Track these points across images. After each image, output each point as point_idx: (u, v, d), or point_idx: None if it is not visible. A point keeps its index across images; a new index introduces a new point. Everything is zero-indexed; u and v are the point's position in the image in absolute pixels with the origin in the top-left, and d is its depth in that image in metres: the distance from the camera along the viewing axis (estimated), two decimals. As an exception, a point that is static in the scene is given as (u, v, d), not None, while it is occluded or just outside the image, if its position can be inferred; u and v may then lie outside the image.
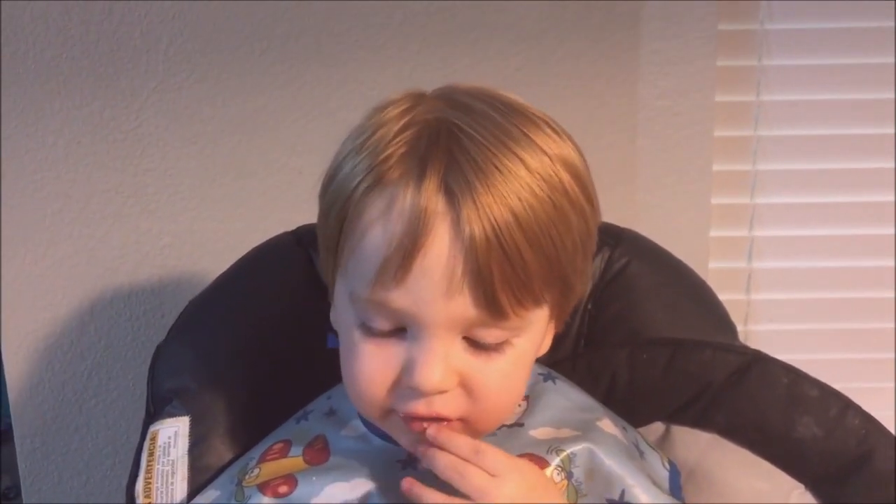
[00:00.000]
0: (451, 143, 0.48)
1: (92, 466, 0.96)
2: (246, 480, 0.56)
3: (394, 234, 0.47)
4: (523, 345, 0.51)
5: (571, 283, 0.51)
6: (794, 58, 0.94)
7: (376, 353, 0.50)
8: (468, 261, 0.46)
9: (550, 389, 0.59)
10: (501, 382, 0.50)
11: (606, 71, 0.90)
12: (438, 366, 0.48)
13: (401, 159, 0.48)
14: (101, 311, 0.93)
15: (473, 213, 0.46)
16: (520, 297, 0.48)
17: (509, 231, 0.47)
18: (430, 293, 0.47)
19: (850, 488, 0.59)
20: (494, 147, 0.48)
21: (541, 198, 0.48)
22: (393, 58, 0.89)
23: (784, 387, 0.60)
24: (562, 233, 0.49)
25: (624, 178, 0.93)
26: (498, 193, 0.47)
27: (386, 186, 0.48)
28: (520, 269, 0.47)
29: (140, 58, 0.88)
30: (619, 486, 0.53)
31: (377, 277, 0.48)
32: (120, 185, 0.91)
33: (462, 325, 0.48)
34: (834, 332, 1.01)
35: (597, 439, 0.54)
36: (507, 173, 0.47)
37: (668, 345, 0.62)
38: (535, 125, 0.51)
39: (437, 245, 0.47)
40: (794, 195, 0.98)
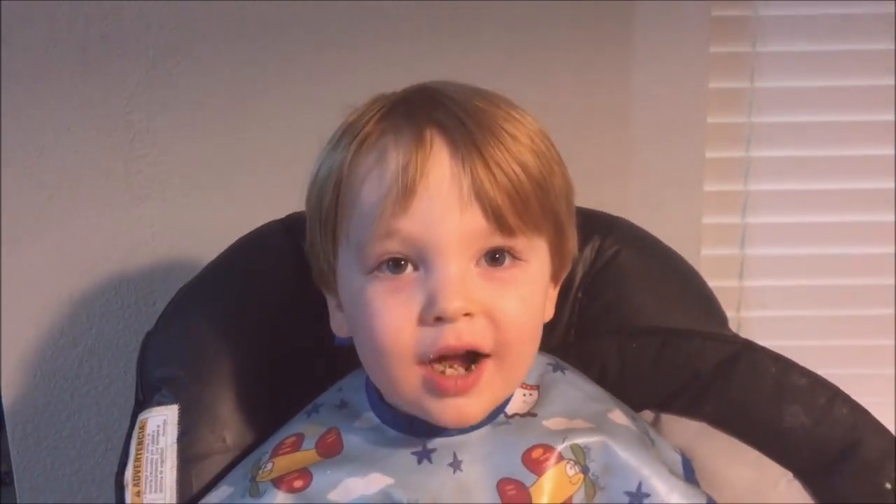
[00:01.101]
0: (433, 94, 0.52)
1: (84, 454, 0.96)
2: (259, 475, 0.55)
3: (393, 171, 0.49)
4: (533, 271, 0.52)
5: (563, 225, 0.54)
6: (788, 44, 0.94)
7: (393, 300, 0.50)
8: (471, 180, 0.49)
9: (560, 380, 0.59)
10: (521, 307, 0.51)
11: (599, 58, 0.89)
12: (458, 286, 0.49)
13: (382, 118, 0.51)
14: (93, 299, 0.93)
15: (467, 139, 0.49)
16: (521, 214, 0.50)
17: (504, 155, 0.49)
18: (440, 211, 0.49)
19: (838, 477, 0.59)
20: (470, 98, 0.52)
21: (525, 135, 0.52)
22: (385, 45, 0.88)
23: (773, 376, 0.60)
24: (548, 170, 0.52)
25: (617, 166, 0.93)
26: (486, 127, 0.50)
27: (374, 143, 0.51)
28: (519, 189, 0.50)
29: (130, 44, 0.88)
30: (635, 478, 0.53)
31: (383, 211, 0.49)
32: (110, 172, 0.90)
33: (474, 243, 0.50)
34: (826, 319, 1.01)
35: (610, 431, 0.54)
36: (488, 112, 0.51)
37: (657, 334, 0.62)
38: (509, 104, 0.54)
39: (439, 168, 0.49)
40: (788, 182, 0.97)
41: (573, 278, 0.66)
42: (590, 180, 0.92)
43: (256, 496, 0.54)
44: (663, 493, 0.53)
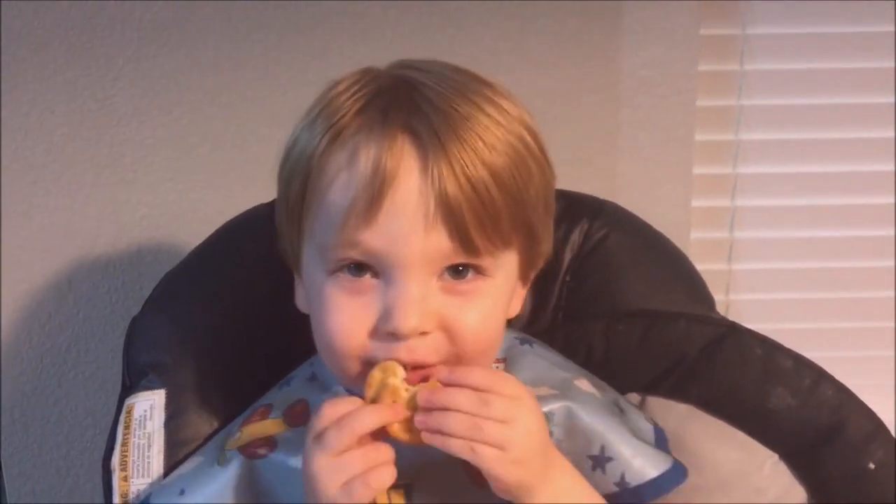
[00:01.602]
0: (412, 92, 0.50)
1: (72, 439, 0.96)
2: (228, 444, 0.56)
3: (361, 177, 0.48)
4: (498, 287, 0.51)
5: (536, 232, 0.52)
6: (778, 26, 0.94)
7: (350, 302, 0.50)
8: (439, 196, 0.47)
9: (528, 352, 0.59)
10: (480, 323, 0.50)
11: (589, 40, 0.89)
12: (416, 306, 0.48)
13: (359, 111, 0.49)
14: (79, 284, 0.93)
15: (440, 152, 0.47)
16: (490, 233, 0.49)
17: (475, 169, 0.48)
18: (405, 229, 0.48)
19: (823, 457, 0.59)
20: (454, 96, 0.49)
21: (502, 141, 0.49)
22: (372, 27, 0.88)
23: (758, 358, 0.61)
24: (524, 178, 0.50)
25: (606, 148, 0.92)
26: (461, 136, 0.48)
27: (347, 139, 0.49)
28: (489, 205, 0.48)
29: (115, 26, 0.87)
30: (598, 442, 0.53)
31: (347, 220, 0.48)
32: (95, 155, 0.90)
33: (437, 262, 0.49)
34: (815, 302, 1.01)
35: (574, 397, 0.55)
36: (469, 118, 0.49)
37: (643, 316, 0.63)
38: (492, 88, 0.52)
39: (407, 182, 0.47)
40: (778, 165, 0.98)
41: (561, 262, 0.66)
42: (579, 164, 0.93)
43: (224, 464, 0.55)
44: (627, 457, 0.53)
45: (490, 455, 0.46)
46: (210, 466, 0.56)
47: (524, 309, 0.65)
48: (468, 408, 0.47)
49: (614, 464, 0.53)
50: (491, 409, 0.47)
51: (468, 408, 0.47)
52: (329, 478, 0.46)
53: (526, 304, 0.65)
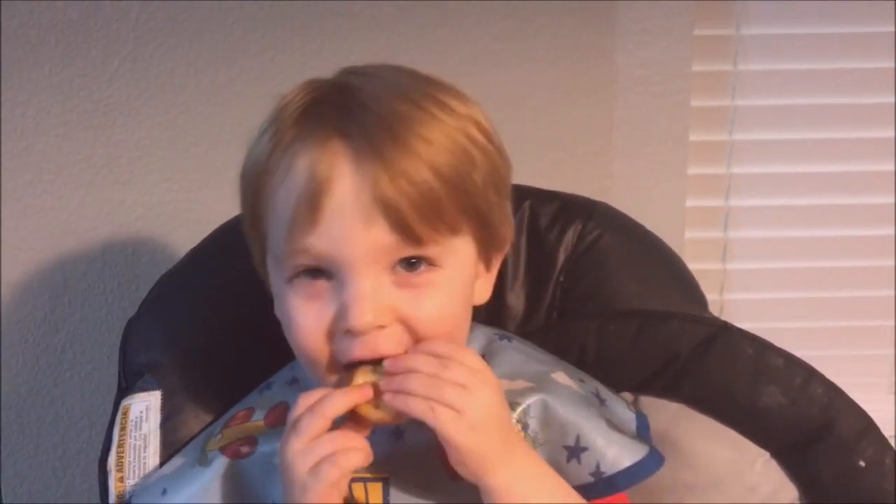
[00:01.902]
0: (345, 97, 0.51)
1: (68, 439, 0.96)
2: (209, 446, 0.57)
3: (298, 186, 0.49)
4: (451, 275, 0.52)
5: (488, 217, 0.53)
6: (772, 27, 0.94)
7: (309, 306, 0.51)
8: (374, 195, 0.48)
9: (507, 347, 0.60)
10: (436, 312, 0.51)
11: (584, 40, 0.89)
12: (368, 302, 0.49)
13: (295, 121, 0.51)
14: (75, 284, 0.93)
15: (370, 151, 0.49)
16: (432, 223, 0.49)
17: (409, 162, 0.49)
18: (346, 230, 0.49)
19: (813, 455, 0.60)
20: (392, 97, 0.51)
21: (442, 135, 0.50)
22: (368, 26, 0.88)
23: (749, 357, 0.61)
24: (466, 166, 0.51)
25: (601, 148, 0.93)
26: (395, 133, 0.49)
27: (285, 150, 0.51)
28: (427, 195, 0.49)
29: (111, 26, 0.87)
30: (573, 432, 0.54)
31: (292, 227, 0.50)
32: (91, 155, 0.90)
33: (383, 256, 0.50)
34: (809, 301, 1.02)
35: (550, 390, 0.55)
36: (405, 116, 0.50)
37: (635, 316, 0.63)
38: (442, 88, 0.53)
39: (341, 184, 0.49)
40: (771, 165, 0.98)
41: (555, 262, 0.66)
42: (574, 163, 0.93)
43: (205, 465, 0.56)
44: (601, 446, 0.53)
45: (447, 416, 0.47)
46: (192, 467, 0.57)
47: (522, 304, 0.66)
48: (428, 370, 0.48)
49: (589, 454, 0.53)
50: (450, 373, 0.48)
51: (428, 370, 0.48)
52: (301, 462, 0.48)
53: (521, 304, 0.66)
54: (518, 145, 0.95)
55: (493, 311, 0.66)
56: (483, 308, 0.66)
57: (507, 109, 0.91)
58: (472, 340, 0.59)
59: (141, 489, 0.58)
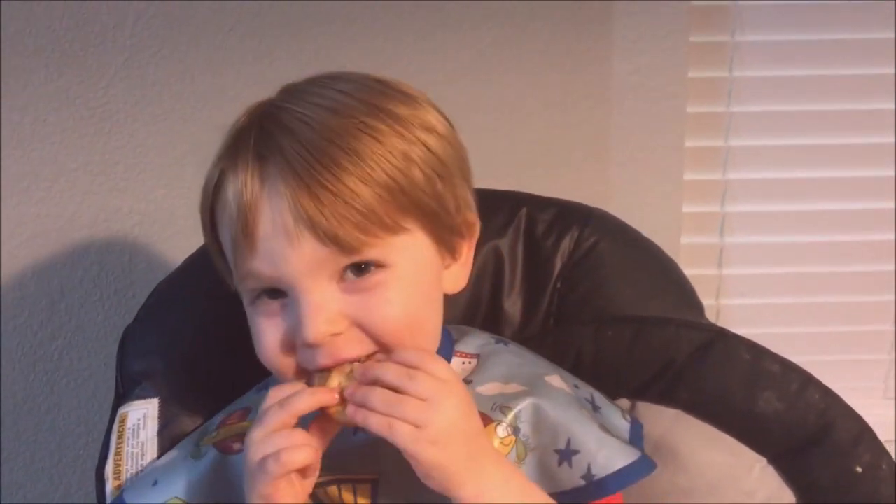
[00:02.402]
0: (263, 119, 0.52)
1: (64, 446, 0.96)
2: (204, 441, 0.58)
3: (232, 216, 0.51)
4: (402, 272, 0.52)
5: (432, 208, 0.53)
6: (767, 33, 0.94)
7: (268, 323, 0.52)
8: (295, 212, 0.49)
9: (503, 350, 0.60)
10: (390, 311, 0.51)
11: (579, 47, 0.89)
12: (318, 315, 0.50)
13: (226, 150, 0.53)
14: (72, 291, 0.93)
15: (287, 168, 0.50)
16: (364, 228, 0.50)
17: (331, 174, 0.49)
18: (279, 249, 0.50)
19: (810, 460, 0.60)
20: (310, 111, 0.52)
21: (363, 139, 0.51)
22: (364, 32, 0.88)
23: (746, 362, 0.61)
24: (399, 166, 0.51)
25: (597, 154, 0.93)
26: (312, 145, 0.50)
27: (221, 179, 0.53)
28: (354, 205, 0.50)
29: (107, 33, 0.87)
30: (564, 436, 0.54)
31: (235, 257, 0.52)
32: (88, 163, 0.90)
33: (323, 268, 0.50)
34: (805, 306, 1.02)
35: (542, 393, 0.55)
36: (322, 128, 0.51)
37: (632, 322, 0.63)
38: (382, 94, 0.54)
39: (263, 210, 0.50)
40: (767, 171, 0.98)
41: (552, 269, 0.66)
42: (570, 170, 0.93)
43: (198, 458, 0.57)
44: (592, 449, 0.53)
45: (405, 432, 0.48)
46: (184, 460, 0.57)
47: (519, 311, 0.66)
48: (393, 381, 0.49)
49: (580, 456, 0.53)
50: (414, 385, 0.49)
51: (393, 381, 0.49)
52: (254, 451, 0.49)
53: (518, 311, 0.66)
54: (514, 152, 0.96)
55: (491, 318, 0.66)
56: (480, 315, 0.66)
57: (503, 116, 0.91)
58: (467, 343, 0.59)
59: (132, 482, 0.59)
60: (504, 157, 0.91)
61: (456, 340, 0.59)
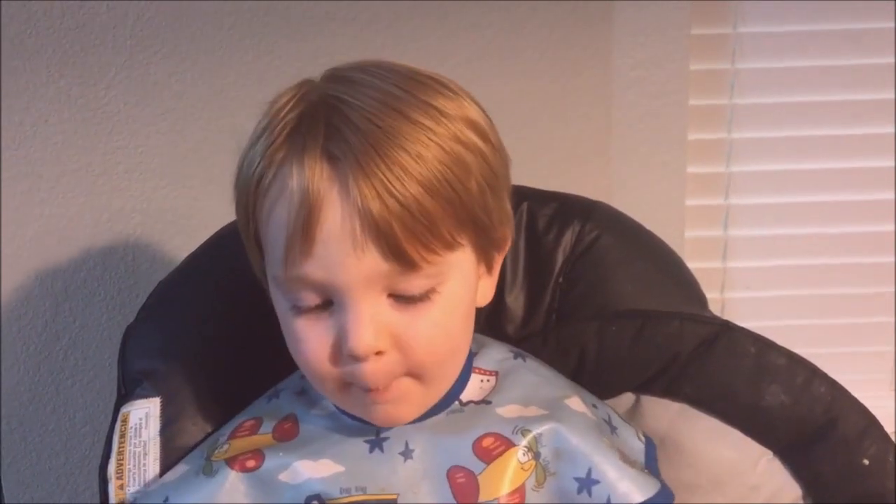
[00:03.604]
0: (330, 113, 0.50)
1: (70, 447, 0.96)
2: (215, 455, 0.56)
3: (290, 213, 0.49)
4: (452, 290, 0.51)
5: (486, 222, 0.52)
6: (769, 25, 0.94)
7: (311, 330, 0.51)
8: (364, 220, 0.47)
9: (521, 367, 0.59)
10: (433, 332, 0.51)
11: (580, 41, 0.89)
12: (368, 327, 0.49)
13: (285, 139, 0.50)
14: (75, 292, 0.93)
15: (359, 173, 0.48)
16: (427, 243, 0.49)
17: (400, 184, 0.48)
18: (337, 257, 0.48)
19: (817, 454, 0.59)
20: (374, 108, 0.49)
21: (430, 146, 0.49)
22: (364, 30, 0.88)
23: (751, 356, 0.60)
24: (461, 178, 0.50)
25: (599, 149, 0.93)
26: (382, 153, 0.48)
27: (278, 169, 0.50)
28: (421, 217, 0.48)
29: (107, 34, 0.87)
30: (585, 464, 0.53)
31: (287, 256, 0.49)
32: (90, 163, 0.90)
33: (379, 282, 0.49)
34: (810, 298, 1.02)
35: (563, 418, 0.55)
36: (390, 130, 0.49)
37: (636, 317, 0.62)
38: (423, 84, 0.52)
39: (330, 213, 0.48)
40: (771, 163, 0.98)
41: (554, 264, 0.66)
42: (572, 164, 0.93)
43: (210, 474, 0.55)
44: (613, 480, 0.53)
45: None
46: (196, 476, 0.56)
47: (521, 306, 0.65)
48: None
49: (600, 486, 0.53)
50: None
51: None
52: None
53: (520, 306, 0.66)
54: (516, 146, 0.94)
55: (493, 314, 0.66)
56: (483, 311, 0.66)
57: (505, 111, 0.90)
58: (485, 358, 0.58)
59: (143, 496, 0.58)
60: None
61: (475, 354, 0.58)
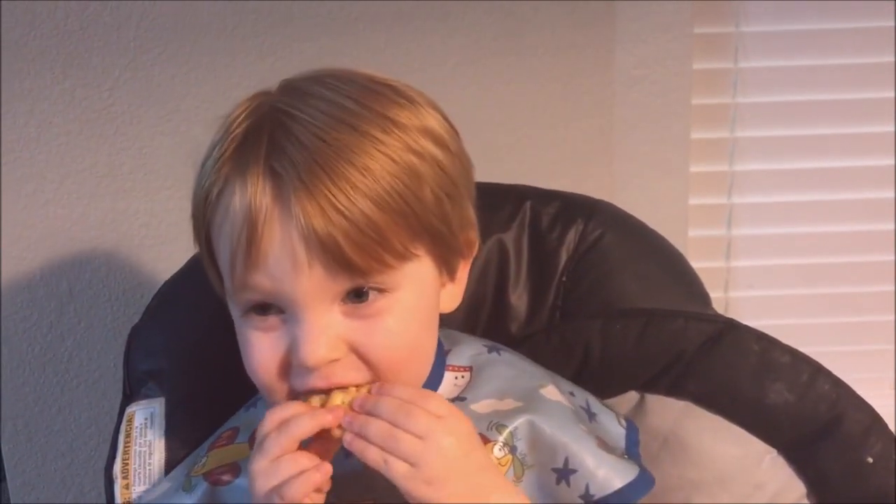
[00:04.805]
0: (274, 127, 0.49)
1: (76, 447, 0.97)
2: (194, 470, 0.56)
3: (233, 229, 0.49)
4: (407, 299, 0.50)
5: (441, 231, 0.51)
6: (771, 24, 0.94)
7: (263, 339, 0.51)
8: (308, 239, 0.47)
9: (495, 360, 0.58)
10: (391, 341, 0.50)
11: (582, 41, 0.89)
12: (320, 338, 0.49)
13: (231, 154, 0.50)
14: (80, 293, 0.93)
15: (302, 191, 0.47)
16: (377, 256, 0.48)
17: (345, 198, 0.47)
18: (285, 269, 0.48)
19: (821, 452, 0.59)
20: (322, 122, 0.49)
21: (378, 158, 0.48)
22: (366, 31, 0.88)
23: (756, 354, 0.61)
24: (412, 187, 0.49)
25: (602, 148, 0.93)
26: (328, 165, 0.47)
27: (224, 184, 0.50)
28: (370, 231, 0.48)
29: (111, 35, 0.87)
30: (562, 454, 0.53)
31: (234, 266, 0.49)
32: (94, 164, 0.90)
33: (329, 293, 0.49)
34: (813, 297, 1.02)
35: (538, 409, 0.54)
36: (336, 143, 0.48)
37: (640, 315, 0.63)
38: (378, 94, 0.51)
39: (272, 231, 0.48)
40: (773, 162, 0.98)
41: (557, 263, 0.66)
42: (575, 163, 0.93)
43: (189, 491, 0.55)
44: (591, 467, 0.52)
45: (401, 470, 0.47)
46: (176, 492, 0.56)
47: (525, 305, 0.65)
48: (390, 415, 0.48)
49: (578, 475, 0.52)
50: (410, 421, 0.47)
51: (390, 415, 0.48)
52: (263, 481, 0.47)
53: (524, 305, 0.66)
54: (518, 146, 0.95)
55: (496, 313, 0.66)
56: (485, 310, 0.66)
57: (507, 110, 0.91)
58: (458, 355, 0.58)
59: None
60: (508, 151, 0.91)
61: (448, 351, 0.58)
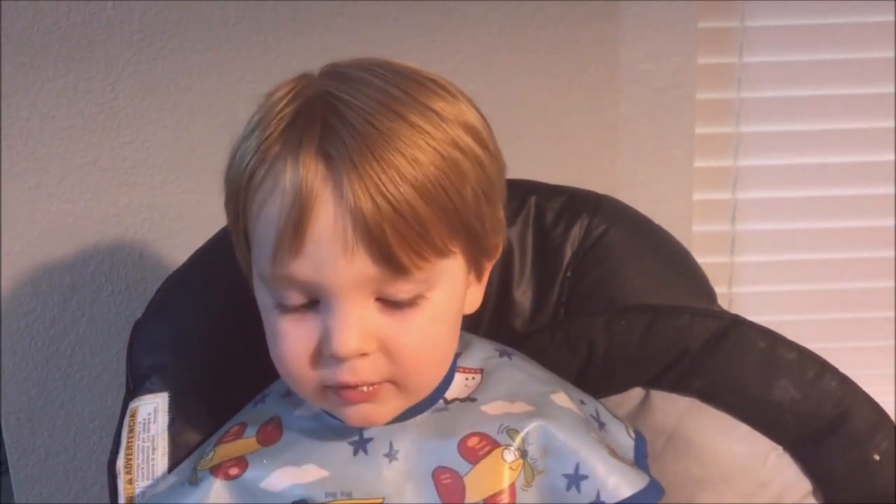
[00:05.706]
0: (327, 111, 0.49)
1: (78, 442, 0.97)
2: (201, 464, 0.56)
3: (282, 210, 0.48)
4: (440, 298, 0.50)
5: (479, 230, 0.51)
6: (777, 18, 0.93)
7: (294, 329, 0.50)
8: (356, 222, 0.47)
9: (506, 364, 0.58)
10: (420, 339, 0.50)
11: (586, 35, 0.89)
12: (353, 329, 0.48)
13: (280, 135, 0.49)
14: (83, 287, 0.93)
15: (353, 174, 0.47)
16: (418, 249, 0.48)
17: (395, 187, 0.47)
18: (327, 258, 0.48)
19: (827, 449, 0.59)
20: (372, 109, 0.48)
21: (426, 150, 0.48)
22: (371, 26, 0.88)
23: (761, 350, 0.60)
24: (456, 183, 0.49)
25: (606, 143, 0.92)
26: (378, 155, 0.47)
27: (271, 165, 0.49)
28: (414, 223, 0.47)
29: (114, 29, 0.87)
30: (573, 460, 0.53)
31: (276, 253, 0.48)
32: (97, 158, 0.90)
33: (367, 285, 0.49)
34: (818, 293, 1.01)
35: (549, 414, 0.54)
36: (388, 132, 0.48)
37: (645, 311, 0.62)
38: (422, 86, 0.51)
39: (322, 213, 0.47)
40: (778, 157, 0.97)
41: (562, 258, 0.66)
42: (579, 159, 0.93)
43: (195, 484, 0.55)
44: (601, 474, 0.52)
45: None
46: (182, 486, 0.56)
47: (529, 301, 0.65)
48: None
49: (589, 482, 0.52)
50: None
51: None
52: None
53: (528, 301, 0.66)
54: (522, 141, 0.95)
55: (501, 309, 0.66)
56: (490, 306, 0.66)
57: (511, 105, 0.91)
58: (470, 357, 0.58)
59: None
60: (512, 146, 0.89)
61: (459, 353, 0.58)
